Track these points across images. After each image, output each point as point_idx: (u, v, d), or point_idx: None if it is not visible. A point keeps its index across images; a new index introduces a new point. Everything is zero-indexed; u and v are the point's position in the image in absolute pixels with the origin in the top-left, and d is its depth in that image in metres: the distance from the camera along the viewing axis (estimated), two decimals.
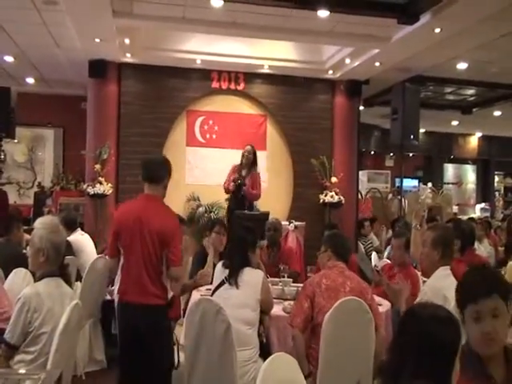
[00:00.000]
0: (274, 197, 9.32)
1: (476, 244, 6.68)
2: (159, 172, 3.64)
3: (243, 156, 7.18)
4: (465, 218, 10.71)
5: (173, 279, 3.56)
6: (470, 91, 11.48)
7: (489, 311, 1.88)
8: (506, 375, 1.89)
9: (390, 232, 9.04)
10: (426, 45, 7.49)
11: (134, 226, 3.48)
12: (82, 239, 5.88)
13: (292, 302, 4.12)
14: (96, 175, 8.58)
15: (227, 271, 3.78)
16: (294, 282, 4.87)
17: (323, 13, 6.62)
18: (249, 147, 7.23)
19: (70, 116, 10.90)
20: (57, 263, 3.07)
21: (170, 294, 3.61)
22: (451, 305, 3.35)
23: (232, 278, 3.71)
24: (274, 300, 4.05)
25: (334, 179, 9.41)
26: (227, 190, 7.18)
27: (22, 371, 2.72)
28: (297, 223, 8.93)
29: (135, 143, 8.93)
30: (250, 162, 7.15)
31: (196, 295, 4.21)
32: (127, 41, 8.16)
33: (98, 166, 8.54)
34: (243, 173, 7.12)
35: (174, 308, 3.94)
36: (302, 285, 4.70)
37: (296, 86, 9.63)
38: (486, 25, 6.74)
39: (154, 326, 3.48)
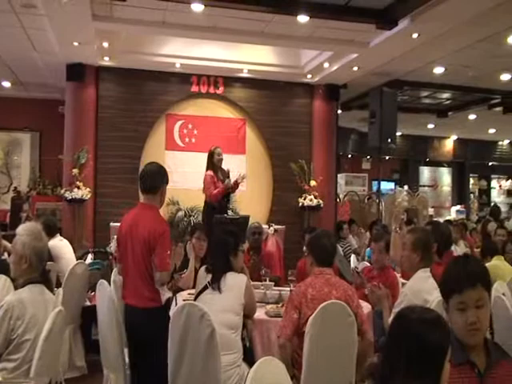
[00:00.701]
0: (253, 200, 9.34)
1: (452, 246, 6.78)
2: (153, 183, 3.75)
3: (218, 160, 6.99)
4: (442, 220, 10.84)
5: (158, 283, 3.62)
6: (446, 95, 11.64)
7: (473, 302, 1.93)
8: (487, 363, 1.95)
9: (368, 234, 9.13)
10: (404, 50, 7.60)
11: (126, 235, 3.70)
12: (61, 245, 5.82)
13: (274, 306, 4.15)
14: (74, 180, 8.50)
15: (210, 276, 3.78)
16: (275, 286, 4.89)
17: (303, 18, 6.68)
18: (219, 149, 7.14)
19: (47, 120, 10.77)
20: (39, 270, 3.04)
21: (165, 297, 3.66)
22: (432, 306, 3.42)
23: (215, 283, 3.70)
24: (257, 304, 4.05)
25: (313, 183, 9.47)
26: (216, 199, 6.87)
27: (11, 380, 2.69)
28: (276, 227, 8.97)
29: (114, 147, 8.89)
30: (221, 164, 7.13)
31: (178, 300, 4.19)
32: (106, 44, 8.11)
33: (75, 171, 8.47)
34: (220, 175, 7.08)
35: None
36: (283, 289, 4.76)
37: (275, 90, 9.68)
38: (463, 29, 6.86)
39: (150, 327, 3.56)
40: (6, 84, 10.45)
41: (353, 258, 7.70)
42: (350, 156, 16.51)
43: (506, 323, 3.88)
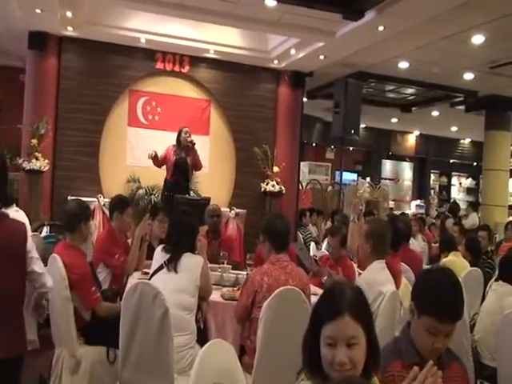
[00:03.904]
0: (215, 183, 9.29)
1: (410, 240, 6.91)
2: (69, 224, 3.87)
3: (183, 138, 7.28)
4: (398, 213, 11.01)
5: None
6: (410, 90, 11.74)
7: (445, 332, 2.00)
8: (438, 365, 1.93)
9: (329, 223, 9.22)
10: (370, 42, 7.63)
11: None
12: (16, 216, 5.65)
13: (230, 289, 4.16)
14: (32, 150, 8.28)
15: (167, 256, 3.74)
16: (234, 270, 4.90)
17: (271, 2, 6.64)
18: (187, 129, 7.38)
19: (7, 88, 10.43)
20: None
21: None
22: (385, 298, 3.47)
23: (171, 263, 3.67)
24: (213, 286, 4.04)
25: (275, 169, 9.46)
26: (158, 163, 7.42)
27: None
28: (238, 210, 8.96)
29: (74, 120, 8.68)
30: (188, 143, 7.26)
31: (134, 279, 4.15)
32: (69, 14, 7.85)
33: (34, 141, 8.23)
34: (183, 154, 7.24)
35: None
36: (240, 272, 4.76)
37: (241, 73, 9.59)
38: (429, 26, 6.93)
39: None
40: None
41: (312, 245, 7.77)
42: (314, 145, 16.57)
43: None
